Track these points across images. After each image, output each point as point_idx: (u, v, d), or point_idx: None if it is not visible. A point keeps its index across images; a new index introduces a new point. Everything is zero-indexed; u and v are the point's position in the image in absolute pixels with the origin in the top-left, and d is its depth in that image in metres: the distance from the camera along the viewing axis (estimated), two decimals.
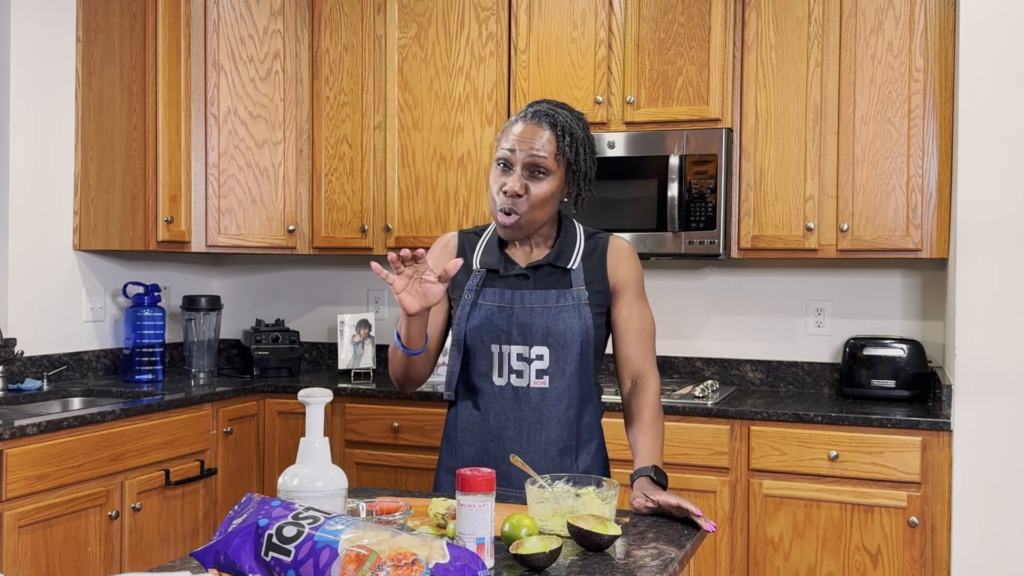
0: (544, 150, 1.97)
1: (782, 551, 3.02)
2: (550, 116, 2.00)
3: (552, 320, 2.02)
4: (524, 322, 2.02)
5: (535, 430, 2.02)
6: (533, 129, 1.98)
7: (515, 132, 1.99)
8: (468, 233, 2.17)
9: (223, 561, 1.30)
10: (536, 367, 2.02)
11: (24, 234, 3.42)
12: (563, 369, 2.02)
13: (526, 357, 2.02)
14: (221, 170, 3.65)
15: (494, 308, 2.04)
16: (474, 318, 2.04)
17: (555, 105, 2.04)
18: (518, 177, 1.97)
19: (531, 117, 2.00)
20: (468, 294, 2.06)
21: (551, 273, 2.06)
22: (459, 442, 2.09)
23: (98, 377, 3.67)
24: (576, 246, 2.09)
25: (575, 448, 2.05)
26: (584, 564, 1.54)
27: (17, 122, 3.39)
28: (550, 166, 1.98)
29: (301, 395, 1.52)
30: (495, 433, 2.04)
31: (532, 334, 2.02)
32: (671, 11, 3.37)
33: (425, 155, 3.69)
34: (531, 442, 2.02)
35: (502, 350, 2.03)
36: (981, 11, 2.85)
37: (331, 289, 4.25)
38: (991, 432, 2.82)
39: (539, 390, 2.02)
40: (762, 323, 3.65)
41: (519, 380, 2.03)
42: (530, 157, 1.97)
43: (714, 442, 3.08)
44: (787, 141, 3.29)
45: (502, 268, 2.06)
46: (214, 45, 3.63)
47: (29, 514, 2.63)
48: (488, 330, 2.03)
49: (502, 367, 2.03)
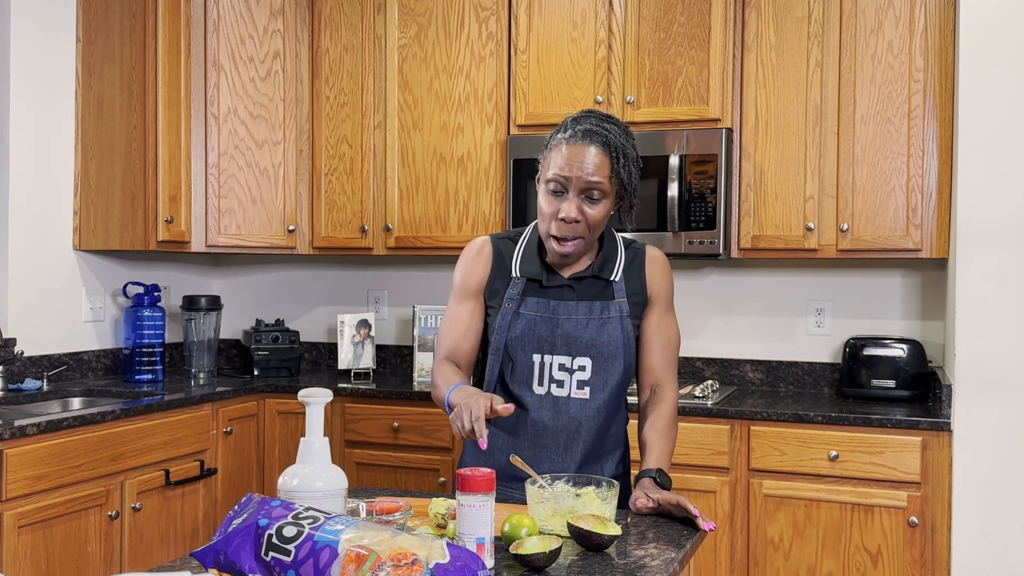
0: (599, 174, 1.91)
1: (782, 551, 3.02)
2: (601, 136, 1.93)
3: (596, 332, 2.00)
4: (568, 333, 2.00)
5: (573, 440, 2.01)
6: (584, 150, 1.91)
7: (567, 154, 1.92)
8: (502, 239, 2.11)
9: (223, 561, 1.30)
10: (578, 378, 2.01)
11: (24, 234, 3.42)
12: (605, 380, 2.01)
13: (568, 368, 2.01)
14: (221, 170, 3.65)
15: (537, 318, 2.01)
16: (516, 327, 2.02)
17: (602, 119, 1.97)
18: (574, 203, 1.92)
19: (581, 137, 1.93)
20: (509, 303, 2.03)
21: (594, 284, 2.04)
22: (491, 448, 2.04)
23: (98, 377, 3.67)
24: (618, 257, 2.06)
25: (600, 456, 2.05)
26: (584, 564, 1.54)
27: (17, 122, 3.39)
28: (606, 189, 1.93)
29: (301, 395, 1.52)
30: (531, 440, 2.02)
31: (577, 345, 2.00)
32: (671, 11, 3.37)
33: (425, 155, 3.69)
34: (567, 452, 2.01)
35: (544, 360, 2.01)
36: (981, 11, 2.85)
37: (331, 289, 4.25)
38: (991, 432, 2.82)
39: (579, 400, 2.01)
40: (762, 323, 3.65)
41: (559, 390, 2.01)
42: (586, 183, 1.91)
43: (714, 442, 3.08)
44: (787, 141, 3.29)
45: (544, 279, 2.03)
46: (214, 45, 3.63)
47: (29, 514, 2.63)
48: (531, 339, 2.01)
49: (543, 377, 2.02)
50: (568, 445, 2.01)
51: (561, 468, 2.00)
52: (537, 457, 2.02)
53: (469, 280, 2.09)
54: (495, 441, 2.05)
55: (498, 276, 2.06)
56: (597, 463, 2.05)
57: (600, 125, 1.95)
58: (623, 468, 2.11)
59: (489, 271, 2.07)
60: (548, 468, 2.00)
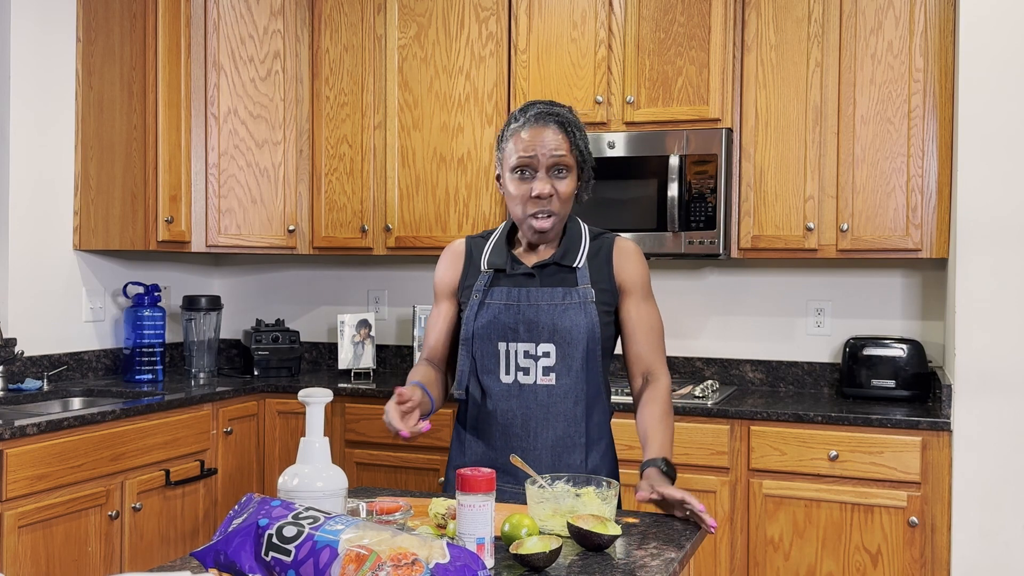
0: (562, 148, 2.02)
1: (782, 551, 3.02)
2: (554, 115, 2.04)
3: (558, 317, 2.04)
4: (531, 319, 2.05)
5: (542, 427, 2.04)
6: (542, 131, 2.02)
7: (526, 138, 2.02)
8: (475, 238, 2.20)
9: (223, 561, 1.30)
10: (543, 364, 2.05)
11: (24, 234, 3.42)
12: (569, 366, 2.04)
13: (533, 354, 2.05)
14: (221, 170, 3.65)
15: (501, 306, 2.07)
16: (482, 317, 2.07)
17: (548, 104, 2.09)
18: (545, 179, 2.02)
19: (536, 120, 2.04)
20: (476, 294, 2.09)
21: (557, 272, 2.08)
22: (468, 440, 2.12)
23: (98, 377, 3.68)
24: (581, 245, 2.11)
25: (584, 446, 2.06)
26: (584, 564, 1.54)
27: (17, 122, 3.39)
28: (569, 163, 2.04)
29: (301, 395, 1.52)
30: (503, 430, 2.06)
31: (539, 331, 2.04)
32: (671, 11, 3.37)
33: (425, 155, 3.69)
34: (537, 439, 2.04)
35: (509, 348, 2.06)
36: (981, 11, 2.85)
37: (331, 289, 4.25)
38: (991, 432, 2.82)
39: (546, 387, 2.04)
40: (762, 323, 3.65)
41: (526, 377, 2.05)
42: (552, 158, 2.01)
43: (714, 442, 3.08)
44: (787, 141, 3.29)
45: (508, 267, 2.09)
46: (214, 45, 3.63)
47: (29, 514, 2.63)
48: (495, 328, 2.06)
49: (509, 365, 2.06)
50: (539, 432, 2.04)
51: (533, 457, 2.04)
52: (508, 446, 2.05)
53: (442, 283, 2.19)
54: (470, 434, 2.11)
55: (469, 273, 2.14)
56: (580, 452, 2.05)
57: (549, 108, 2.07)
58: (610, 458, 2.12)
59: (461, 270, 2.16)
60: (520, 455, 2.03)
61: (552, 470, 2.02)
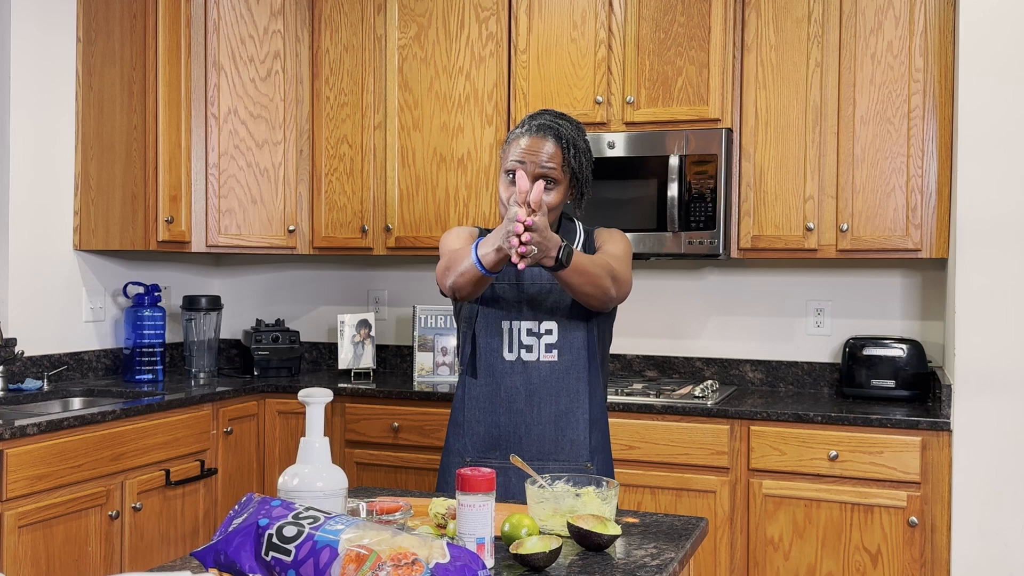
0: (552, 162, 2.08)
1: (782, 551, 3.02)
2: (554, 129, 2.11)
3: (561, 294, 2.12)
4: (533, 296, 2.13)
5: (546, 402, 2.12)
6: (539, 142, 2.09)
7: (522, 145, 2.09)
8: (483, 230, 2.28)
9: (223, 561, 1.30)
10: (546, 341, 2.12)
11: (24, 234, 3.42)
12: (571, 343, 2.12)
13: (536, 332, 2.13)
14: (221, 170, 3.65)
15: (504, 285, 2.15)
16: (484, 295, 2.15)
17: (556, 116, 2.14)
18: None
19: (536, 130, 2.10)
20: None
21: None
22: (468, 420, 2.17)
23: (98, 377, 3.68)
24: (577, 234, 2.22)
25: (588, 422, 2.13)
26: (584, 564, 1.54)
27: (17, 122, 3.39)
28: (558, 176, 2.10)
29: (301, 395, 1.52)
30: (506, 406, 2.13)
31: (541, 309, 2.12)
32: (671, 11, 3.37)
33: (425, 155, 3.69)
34: (541, 413, 2.12)
35: (512, 325, 2.13)
36: (981, 11, 2.85)
37: (331, 289, 4.25)
38: (991, 432, 2.83)
39: (549, 364, 2.12)
40: (762, 323, 3.65)
41: (529, 355, 2.13)
42: (542, 168, 2.08)
43: (714, 442, 3.08)
44: (787, 141, 3.29)
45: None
46: (214, 45, 3.63)
47: (29, 514, 2.63)
48: (498, 306, 2.14)
49: (512, 342, 2.13)
50: (543, 406, 2.12)
51: (537, 432, 2.11)
52: (512, 423, 2.12)
53: (461, 237, 2.21)
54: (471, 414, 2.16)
55: None
56: (584, 429, 2.12)
57: (554, 121, 2.12)
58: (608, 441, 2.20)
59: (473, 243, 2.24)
60: (524, 431, 2.10)
61: (556, 445, 2.11)
